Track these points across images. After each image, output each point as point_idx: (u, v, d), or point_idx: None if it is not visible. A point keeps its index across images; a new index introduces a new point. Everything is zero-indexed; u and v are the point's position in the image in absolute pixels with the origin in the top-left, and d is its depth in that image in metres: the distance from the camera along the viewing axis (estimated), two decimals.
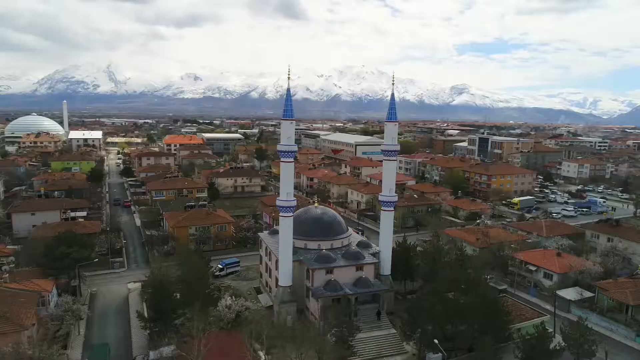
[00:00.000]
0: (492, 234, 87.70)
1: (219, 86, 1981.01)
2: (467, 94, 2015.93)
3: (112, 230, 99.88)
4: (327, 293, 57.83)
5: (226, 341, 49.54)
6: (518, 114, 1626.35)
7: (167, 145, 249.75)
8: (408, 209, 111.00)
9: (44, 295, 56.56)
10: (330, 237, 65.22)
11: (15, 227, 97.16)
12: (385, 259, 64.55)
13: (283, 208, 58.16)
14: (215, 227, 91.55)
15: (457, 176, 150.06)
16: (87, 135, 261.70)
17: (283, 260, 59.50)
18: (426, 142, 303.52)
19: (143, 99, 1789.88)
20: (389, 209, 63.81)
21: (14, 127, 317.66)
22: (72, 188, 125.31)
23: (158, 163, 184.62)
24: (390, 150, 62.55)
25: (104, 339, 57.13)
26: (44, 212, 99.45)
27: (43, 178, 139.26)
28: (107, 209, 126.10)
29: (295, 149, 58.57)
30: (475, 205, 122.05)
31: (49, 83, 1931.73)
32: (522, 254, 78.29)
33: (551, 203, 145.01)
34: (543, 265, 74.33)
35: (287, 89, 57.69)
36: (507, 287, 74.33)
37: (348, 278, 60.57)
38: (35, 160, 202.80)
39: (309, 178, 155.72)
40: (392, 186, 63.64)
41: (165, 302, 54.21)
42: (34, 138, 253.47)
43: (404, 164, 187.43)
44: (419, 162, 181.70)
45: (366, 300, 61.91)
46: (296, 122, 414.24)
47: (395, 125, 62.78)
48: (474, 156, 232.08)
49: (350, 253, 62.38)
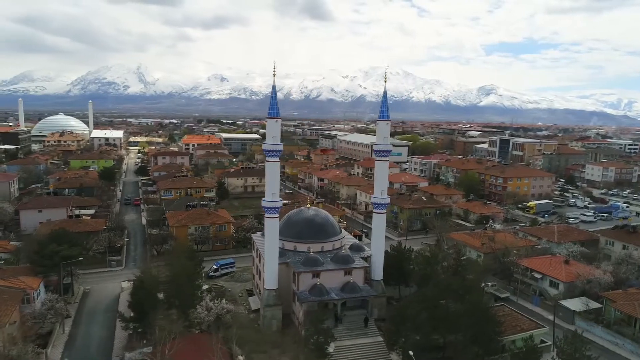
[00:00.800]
0: (498, 238, 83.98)
1: (245, 87, 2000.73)
2: (494, 95, 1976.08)
3: (115, 228, 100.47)
4: (312, 297, 55.91)
5: (202, 345, 48.33)
6: (548, 115, 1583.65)
7: (185, 144, 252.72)
8: (415, 212, 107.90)
9: (29, 293, 56.48)
10: (320, 240, 63.24)
11: (22, 224, 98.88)
12: (377, 263, 62.20)
13: (268, 209, 56.59)
14: (214, 227, 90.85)
15: (472, 178, 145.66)
16: (108, 135, 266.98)
17: (269, 262, 57.95)
18: (446, 144, 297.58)
19: (171, 99, 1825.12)
20: (381, 211, 61.43)
21: (41, 126, 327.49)
22: (83, 186, 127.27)
23: (173, 162, 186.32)
24: (382, 150, 60.16)
25: (88, 338, 56.89)
26: (51, 209, 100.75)
27: (57, 176, 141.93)
28: (117, 208, 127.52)
29: (281, 147, 56.87)
30: (487, 208, 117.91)
31: (82, 84, 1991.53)
32: (527, 261, 74.57)
33: (571, 207, 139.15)
34: (549, 273, 70.53)
35: (272, 86, 56.15)
36: (510, 295, 70.89)
37: (336, 282, 58.52)
38: (57, 159, 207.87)
39: (320, 179, 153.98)
40: (384, 187, 61.28)
41: (146, 302, 53.45)
42: (58, 137, 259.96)
43: (419, 166, 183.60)
44: (434, 164, 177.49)
45: (355, 306, 59.71)
46: (319, 122, 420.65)
47: (387, 124, 60.36)
48: (494, 158, 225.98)
49: (339, 256, 60.30)
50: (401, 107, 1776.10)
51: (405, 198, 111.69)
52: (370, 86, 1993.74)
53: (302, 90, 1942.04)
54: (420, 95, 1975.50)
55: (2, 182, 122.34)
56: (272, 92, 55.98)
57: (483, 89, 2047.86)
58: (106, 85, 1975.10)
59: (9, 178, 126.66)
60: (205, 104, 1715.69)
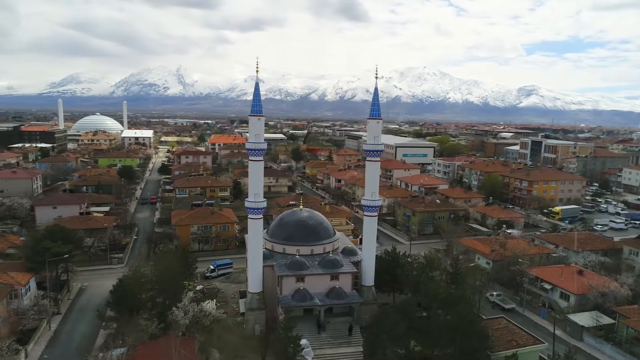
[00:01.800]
0: (510, 245, 79.14)
1: (280, 88, 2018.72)
2: (535, 96, 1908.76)
3: (124, 226, 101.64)
4: (294, 303, 53.79)
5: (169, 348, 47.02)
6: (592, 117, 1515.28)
7: (211, 144, 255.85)
8: (427, 215, 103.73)
9: (17, 289, 56.98)
10: (311, 243, 60.95)
11: (38, 219, 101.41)
12: (368, 268, 59.29)
13: (252, 210, 54.86)
14: (217, 226, 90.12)
15: (495, 181, 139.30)
16: (138, 134, 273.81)
17: (252, 264, 56.28)
18: (477, 145, 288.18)
19: (208, 100, 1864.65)
20: (372, 214, 58.49)
21: (79, 126, 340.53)
22: (102, 184, 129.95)
23: (195, 161, 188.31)
24: (372, 150, 57.20)
25: (72, 335, 56.83)
26: (65, 205, 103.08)
27: (81, 174, 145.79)
28: (133, 205, 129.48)
29: (264, 146, 55.10)
30: (506, 213, 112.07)
31: (125, 86, 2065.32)
32: (537, 270, 69.69)
33: (602, 214, 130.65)
34: (559, 284, 65.60)
35: (256, 83, 54.41)
36: (515, 306, 66.31)
37: (321, 287, 56.19)
38: (88, 157, 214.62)
39: (337, 179, 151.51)
40: (375, 189, 58.32)
41: (126, 301, 52.81)
42: (91, 136, 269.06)
43: (442, 168, 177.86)
44: (457, 166, 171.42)
45: (343, 313, 57.15)
46: (352, 123, 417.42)
47: (378, 122, 57.34)
48: (525, 160, 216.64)
49: (326, 260, 57.87)
50: (437, 108, 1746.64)
51: (418, 201, 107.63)
52: (406, 87, 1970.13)
53: (337, 91, 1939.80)
54: (457, 96, 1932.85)
55: (25, 179, 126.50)
56: (255, 89, 54.27)
57: (523, 89, 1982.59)
58: (147, 87, 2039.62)
59: (32, 175, 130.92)
60: (241, 104, 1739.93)
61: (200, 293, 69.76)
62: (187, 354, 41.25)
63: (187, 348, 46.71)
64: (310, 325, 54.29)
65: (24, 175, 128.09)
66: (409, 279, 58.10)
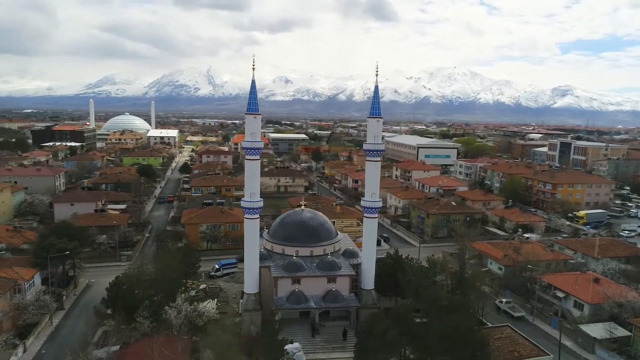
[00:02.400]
0: (525, 250, 75.81)
1: (308, 89, 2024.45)
2: (571, 96, 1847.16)
3: (138, 224, 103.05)
4: (288, 305, 52.73)
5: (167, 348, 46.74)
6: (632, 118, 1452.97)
7: (234, 144, 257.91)
8: (442, 217, 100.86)
9: (20, 284, 58.02)
10: (311, 244, 59.81)
11: (56, 216, 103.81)
12: (367, 271, 57.61)
13: (248, 209, 54.15)
14: (226, 225, 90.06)
15: (517, 184, 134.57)
16: (163, 134, 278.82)
17: (248, 265, 55.52)
18: (504, 147, 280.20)
19: (237, 101, 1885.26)
20: (372, 216, 56.87)
21: (109, 125, 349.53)
22: (121, 182, 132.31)
23: (216, 161, 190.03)
24: (373, 150, 55.55)
25: (72, 331, 57.36)
26: (82, 203, 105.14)
27: (102, 172, 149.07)
28: (151, 204, 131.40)
29: (261, 145, 54.26)
30: (526, 216, 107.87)
31: (157, 86, 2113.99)
32: (550, 277, 66.34)
33: (631, 219, 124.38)
34: (573, 292, 62.19)
35: (252, 80, 53.59)
36: (525, 314, 63.29)
37: (318, 290, 54.94)
38: (114, 156, 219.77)
39: (354, 180, 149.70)
40: (375, 190, 56.67)
41: (121, 299, 52.90)
42: (118, 135, 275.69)
43: (464, 169, 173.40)
44: (480, 167, 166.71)
45: (340, 316, 55.75)
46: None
47: (378, 121, 55.66)
48: (553, 162, 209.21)
49: (324, 262, 56.57)
50: (467, 109, 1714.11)
51: (432, 203, 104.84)
52: (435, 87, 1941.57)
53: (365, 91, 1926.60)
54: (488, 96, 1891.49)
55: (48, 177, 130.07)
56: (252, 87, 53.55)
57: (558, 89, 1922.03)
58: (178, 88, 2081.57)
59: (56, 172, 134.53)
60: (269, 105, 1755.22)
61: (203, 292, 69.68)
62: (169, 354, 40.67)
63: (177, 348, 46.55)
64: (305, 328, 53.16)
65: (47, 173, 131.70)
66: (410, 283, 56.10)
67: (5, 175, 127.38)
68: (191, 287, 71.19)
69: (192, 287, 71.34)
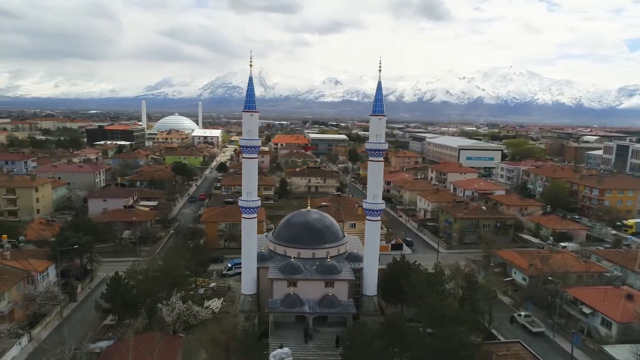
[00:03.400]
0: (554, 260, 70.06)
1: (358, 90, 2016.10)
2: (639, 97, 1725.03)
3: (165, 220, 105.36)
4: (281, 308, 51.19)
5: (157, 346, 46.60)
6: None
7: (274, 144, 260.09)
8: (470, 222, 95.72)
9: (33, 275, 60.17)
10: (313, 246, 57.97)
11: (90, 211, 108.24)
12: (369, 277, 55.07)
13: (245, 209, 53.19)
14: None
15: (559, 189, 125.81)
16: (207, 134, 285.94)
17: (245, 265, 54.63)
18: (556, 149, 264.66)
19: (287, 102, 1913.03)
20: (374, 219, 54.12)
21: (159, 125, 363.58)
22: (155, 180, 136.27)
23: None
24: (375, 150, 52.91)
25: (79, 324, 58.69)
26: (114, 199, 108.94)
27: (140, 170, 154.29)
28: (183, 201, 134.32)
29: (258, 143, 53.18)
30: (564, 224, 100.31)
31: (211, 88, 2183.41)
32: (576, 290, 60.68)
33: None
34: (601, 309, 56.44)
35: (250, 77, 52.46)
36: (545, 329, 58.25)
37: (315, 294, 53.04)
38: (159, 154, 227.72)
39: (387, 182, 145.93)
40: (378, 192, 53.94)
41: (119, 295, 53.44)
42: (165, 135, 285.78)
43: (505, 172, 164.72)
44: (522, 171, 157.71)
45: (338, 322, 53.44)
46: (426, 125, 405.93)
47: (380, 119, 52.97)
48: (608, 166, 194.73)
49: (323, 266, 54.55)
50: (524, 109, 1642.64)
51: (461, 207, 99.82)
52: (489, 88, 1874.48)
53: (416, 92, 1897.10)
54: (547, 97, 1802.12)
55: (88, 173, 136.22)
56: (249, 83, 52.44)
57: (625, 89, 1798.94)
58: (231, 89, 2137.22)
59: (96, 169, 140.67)
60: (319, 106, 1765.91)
61: (212, 291, 69.68)
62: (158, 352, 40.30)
63: (166, 346, 46.27)
64: (298, 333, 51.43)
65: (88, 170, 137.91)
66: (414, 290, 52.92)
67: (51, 171, 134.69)
68: (201, 285, 71.53)
69: (202, 285, 71.69)
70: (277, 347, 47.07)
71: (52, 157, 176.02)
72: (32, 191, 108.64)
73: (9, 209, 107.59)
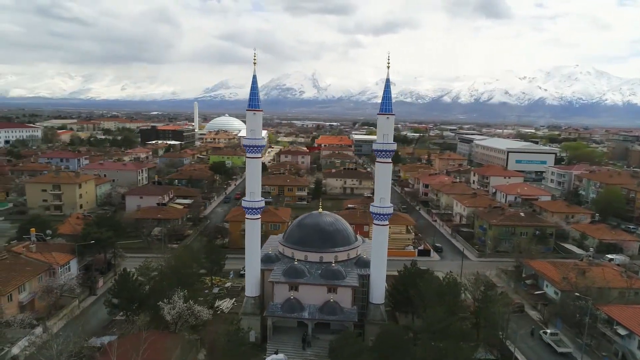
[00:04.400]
0: (593, 274, 63.97)
1: (411, 91, 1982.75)
2: None
3: (196, 219, 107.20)
4: (279, 313, 49.70)
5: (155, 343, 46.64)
6: None
7: (318, 144, 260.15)
8: (505, 230, 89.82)
9: (54, 268, 62.50)
10: (322, 249, 56.07)
11: (127, 207, 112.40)
12: (376, 284, 52.30)
13: (248, 209, 52.23)
14: (267, 225, 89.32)
15: (614, 196, 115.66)
16: None
17: (249, 267, 53.60)
18: (619, 153, 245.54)
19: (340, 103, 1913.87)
20: (382, 223, 51.25)
21: (210, 125, 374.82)
22: (192, 178, 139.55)
23: (294, 161, 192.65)
24: (382, 150, 50.15)
25: (94, 317, 60.35)
26: (149, 196, 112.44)
27: (181, 169, 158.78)
28: (219, 200, 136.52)
29: (262, 143, 51.97)
30: (614, 234, 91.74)
31: (265, 90, 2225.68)
32: (612, 308, 54.69)
33: None
34: (638, 331, 50.42)
35: (253, 75, 51.35)
36: (573, 350, 52.95)
37: (317, 299, 51.10)
38: (205, 154, 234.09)
39: (425, 185, 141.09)
40: (386, 195, 51.00)
41: (125, 291, 54.13)
42: (213, 135, 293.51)
43: (556, 177, 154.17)
44: (574, 176, 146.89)
45: (339, 330, 51.00)
46: (480, 127, 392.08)
47: (388, 118, 50.05)
48: None
49: (327, 270, 52.48)
50: (590, 111, 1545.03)
51: (497, 212, 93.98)
52: (552, 88, 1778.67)
53: (472, 93, 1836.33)
54: (617, 97, 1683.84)
55: (132, 171, 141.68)
56: (253, 82, 51.38)
57: None
58: (285, 91, 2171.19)
59: (139, 167, 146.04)
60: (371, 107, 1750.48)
61: (225, 290, 69.56)
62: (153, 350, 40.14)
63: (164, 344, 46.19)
64: (297, 339, 49.72)
65: (131, 168, 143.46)
66: (422, 301, 49.65)
67: (98, 169, 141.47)
68: (217, 285, 71.62)
69: (218, 284, 71.77)
70: (273, 353, 45.71)
71: (105, 156, 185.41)
72: (75, 187, 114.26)
73: (54, 204, 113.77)
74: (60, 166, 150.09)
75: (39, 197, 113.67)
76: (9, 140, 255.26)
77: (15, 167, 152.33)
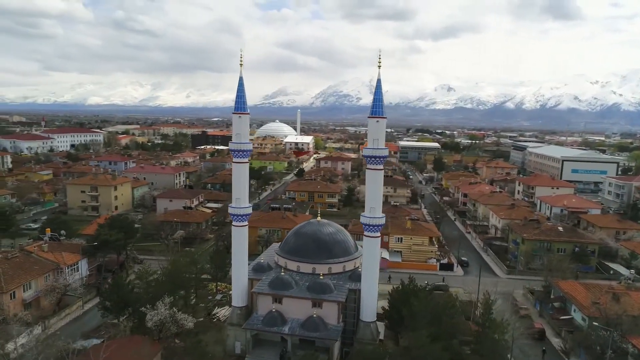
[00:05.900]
0: (630, 299, 56.23)
1: (472, 97, 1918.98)
2: None
3: (220, 222, 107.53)
4: (258, 326, 47.16)
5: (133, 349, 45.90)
6: None
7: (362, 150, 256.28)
8: (540, 245, 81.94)
9: (62, 267, 63.95)
10: (315, 260, 53.08)
11: (158, 209, 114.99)
12: (367, 300, 48.44)
13: (235, 216, 50.40)
14: (283, 231, 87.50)
15: None
16: (298, 140, 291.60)
17: (235, 276, 51.66)
18: None
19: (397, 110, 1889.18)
20: (373, 235, 47.37)
21: (260, 131, 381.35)
22: (225, 183, 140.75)
23: (333, 167, 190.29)
24: (372, 156, 46.44)
25: (93, 319, 60.84)
26: (179, 199, 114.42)
27: (218, 173, 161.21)
28: None
29: (249, 147, 49.98)
30: None
31: (323, 97, 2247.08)
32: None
33: None
34: None
35: (240, 77, 49.47)
36: None
37: (302, 313, 48.08)
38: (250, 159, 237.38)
39: (464, 194, 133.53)
40: (377, 204, 47.17)
41: (118, 294, 53.94)
42: (260, 141, 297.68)
43: (613, 188, 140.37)
44: (634, 187, 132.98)
45: (326, 348, 47.76)
46: (543, 134, 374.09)
47: (378, 121, 46.28)
48: None
49: (315, 283, 49.34)
50: None
51: (532, 226, 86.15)
52: (629, 92, 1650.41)
53: (538, 98, 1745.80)
54: None
55: (169, 174, 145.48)
56: (239, 84, 49.53)
57: None
58: (342, 98, 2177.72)
59: (176, 171, 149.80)
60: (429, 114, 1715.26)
61: (228, 297, 68.09)
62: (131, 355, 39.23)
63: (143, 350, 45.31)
64: (276, 354, 46.92)
65: (169, 171, 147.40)
66: (414, 321, 45.25)
67: (137, 171, 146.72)
68: (221, 291, 70.45)
69: (222, 291, 70.59)
70: None
71: (154, 160, 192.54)
72: (110, 189, 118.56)
73: (92, 205, 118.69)
74: (108, 169, 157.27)
75: (78, 198, 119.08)
76: (74, 144, 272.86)
77: (68, 169, 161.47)
